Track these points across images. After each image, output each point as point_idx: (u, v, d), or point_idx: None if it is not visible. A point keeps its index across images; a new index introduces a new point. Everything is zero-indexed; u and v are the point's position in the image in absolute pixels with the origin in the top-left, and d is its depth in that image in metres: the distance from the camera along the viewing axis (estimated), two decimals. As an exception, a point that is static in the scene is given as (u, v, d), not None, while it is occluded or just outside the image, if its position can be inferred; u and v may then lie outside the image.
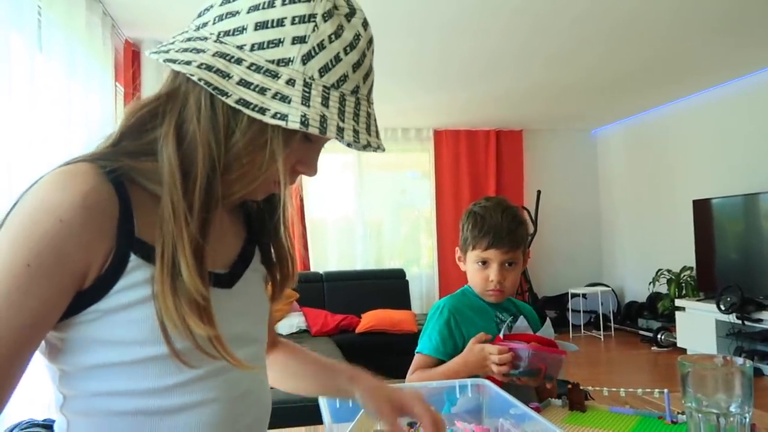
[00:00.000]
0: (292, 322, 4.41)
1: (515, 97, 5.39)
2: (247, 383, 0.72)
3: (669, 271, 5.49)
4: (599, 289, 6.26)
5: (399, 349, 4.20)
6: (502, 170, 6.72)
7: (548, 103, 5.65)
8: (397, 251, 6.70)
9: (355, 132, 0.63)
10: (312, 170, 0.70)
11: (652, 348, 5.32)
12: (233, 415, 0.69)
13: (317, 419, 0.89)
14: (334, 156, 6.32)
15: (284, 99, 0.59)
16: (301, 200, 6.10)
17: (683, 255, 5.37)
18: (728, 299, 4.45)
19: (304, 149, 0.68)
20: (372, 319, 4.38)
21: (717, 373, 0.91)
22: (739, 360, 0.90)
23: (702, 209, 5.06)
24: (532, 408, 1.24)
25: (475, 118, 6.21)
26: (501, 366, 1.21)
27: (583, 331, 6.30)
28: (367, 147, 0.65)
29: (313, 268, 6.05)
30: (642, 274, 6.10)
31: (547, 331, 1.34)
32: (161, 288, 0.60)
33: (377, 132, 0.68)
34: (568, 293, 6.42)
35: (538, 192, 6.42)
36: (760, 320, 4.29)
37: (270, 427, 1.15)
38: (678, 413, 1.15)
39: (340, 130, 0.61)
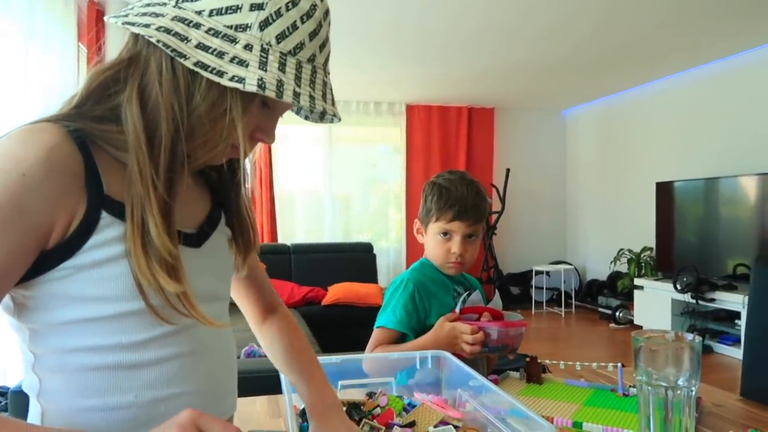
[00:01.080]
0: (258, 293, 4.39)
1: (491, 75, 5.39)
2: (214, 338, 0.75)
3: (630, 251, 5.64)
4: (562, 267, 6.39)
5: (364, 322, 4.25)
6: (472, 147, 6.76)
7: (523, 82, 5.67)
8: (366, 225, 6.71)
9: (311, 98, 0.64)
10: (270, 137, 0.71)
11: (611, 325, 5.48)
12: (204, 368, 0.73)
13: (271, 389, 0.90)
14: (304, 128, 6.25)
15: (242, 63, 0.60)
16: (270, 172, 6.03)
17: (644, 236, 5.52)
18: (684, 279, 4.60)
19: (262, 116, 0.69)
20: (338, 291, 4.39)
21: (667, 348, 0.94)
22: (689, 336, 0.93)
23: (664, 192, 5.18)
24: (490, 380, 1.27)
25: (448, 94, 6.20)
26: (473, 345, 1.23)
27: (545, 307, 6.45)
28: (324, 116, 0.67)
29: (280, 240, 6.03)
30: (604, 253, 6.26)
31: (497, 303, 1.38)
32: (133, 246, 0.62)
33: (333, 100, 0.69)
34: (532, 270, 6.54)
35: (507, 170, 6.48)
36: (713, 300, 4.45)
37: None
38: (630, 386, 1.19)
39: (296, 95, 0.62)
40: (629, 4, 3.61)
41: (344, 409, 0.88)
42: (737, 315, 4.32)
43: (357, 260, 4.97)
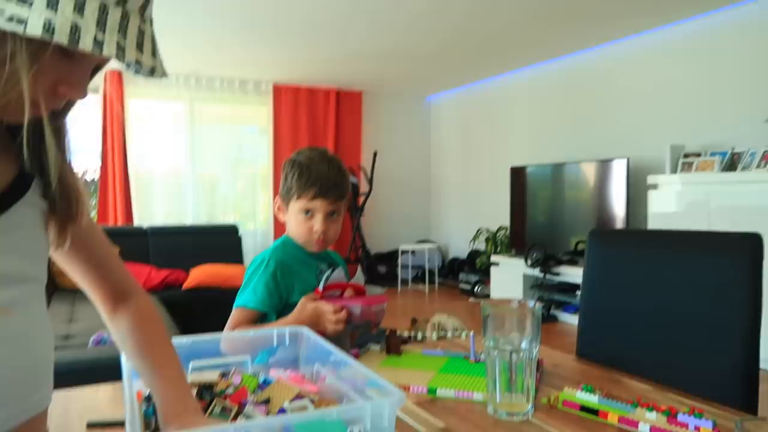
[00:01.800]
0: (111, 279, 4.08)
1: (359, 59, 5.41)
2: (13, 327, 0.65)
3: (488, 230, 6.02)
4: (427, 246, 6.66)
5: (230, 304, 4.13)
6: (341, 130, 6.78)
7: (390, 67, 5.76)
8: (232, 207, 6.49)
9: (120, 48, 0.54)
10: (77, 92, 0.61)
11: (470, 299, 5.82)
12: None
13: (117, 377, 0.83)
14: (162, 105, 5.88)
15: (24, 1, 0.50)
16: (124, 150, 5.60)
17: (500, 216, 5.91)
18: (534, 255, 5.00)
19: (64, 67, 0.58)
20: (201, 274, 4.20)
21: (512, 314, 1.01)
22: (531, 303, 1.00)
23: (518, 176, 5.58)
24: (351, 354, 1.28)
25: (316, 76, 6.14)
26: (336, 324, 1.23)
27: (410, 284, 6.70)
28: (139, 67, 0.57)
29: (138, 223, 5.64)
30: (465, 232, 6.62)
31: (359, 278, 1.40)
32: None
33: (154, 51, 0.59)
34: (398, 250, 6.74)
35: (375, 153, 6.59)
36: (558, 273, 4.88)
37: (69, 384, 1.05)
38: (481, 353, 1.26)
39: (98, 43, 0.52)
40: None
41: (195, 390, 0.84)
42: (578, 287, 4.78)
43: (221, 243, 4.80)
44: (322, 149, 1.44)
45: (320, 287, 1.32)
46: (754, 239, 1.19)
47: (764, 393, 1.27)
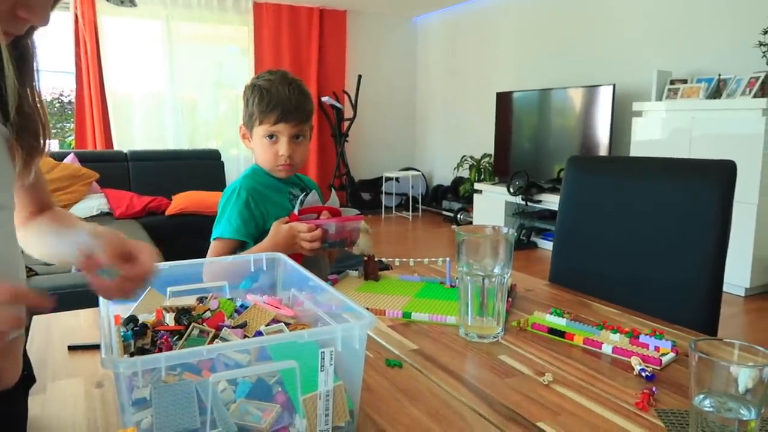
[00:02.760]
0: (92, 204, 4.06)
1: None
2: None
3: (471, 157, 6.01)
4: (411, 173, 6.66)
5: (212, 231, 4.15)
6: (324, 51, 6.58)
7: (372, -17, 5.54)
8: (215, 132, 6.37)
9: None
10: (38, 16, 0.58)
11: (453, 226, 5.89)
12: None
13: (98, 302, 0.84)
14: (137, 22, 5.63)
15: None
16: (100, 71, 5.41)
17: (485, 143, 5.89)
18: (516, 183, 5.03)
19: None
20: (183, 200, 4.19)
21: (485, 240, 1.03)
22: (505, 229, 1.01)
23: (503, 101, 5.51)
24: (329, 280, 1.30)
25: (297, -7, 5.89)
26: (312, 243, 1.24)
27: (394, 212, 6.75)
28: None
29: (117, 147, 5.55)
30: (449, 159, 6.60)
31: (334, 201, 1.43)
32: None
33: None
34: (382, 177, 6.73)
35: (359, 77, 6.44)
36: (539, 201, 4.93)
37: (51, 309, 1.07)
38: (456, 278, 1.29)
39: None
40: None
41: (173, 315, 0.85)
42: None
43: (204, 168, 4.75)
44: (283, 72, 1.39)
45: (296, 211, 1.33)
46: (727, 166, 1.20)
47: (725, 316, 1.33)
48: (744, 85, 3.58)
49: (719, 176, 1.20)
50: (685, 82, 3.97)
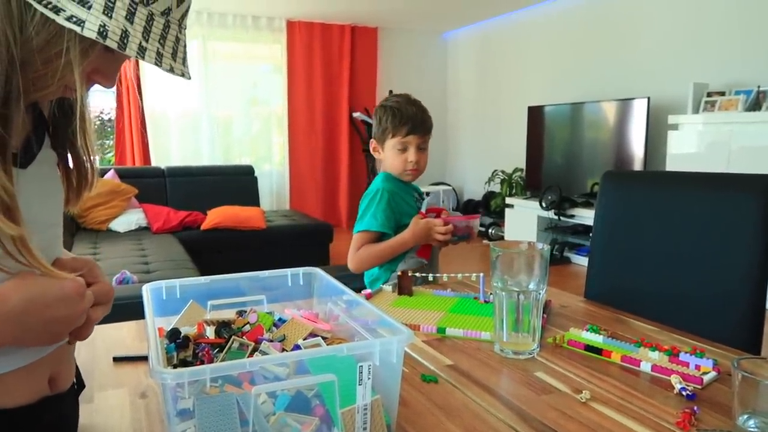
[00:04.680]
0: (131, 218, 4.17)
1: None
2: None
3: (503, 171, 5.97)
4: (441, 188, 6.65)
5: (247, 245, 4.21)
6: (356, 67, 6.66)
7: (405, 1, 5.59)
8: (248, 148, 6.49)
9: (159, 55, 0.59)
10: (110, 82, 0.66)
11: (484, 241, 5.85)
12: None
13: (140, 315, 0.86)
14: (175, 41, 5.79)
15: (84, 3, 0.54)
16: (139, 91, 5.59)
17: (516, 157, 5.85)
18: (549, 198, 4.98)
19: (103, 59, 0.62)
20: (218, 215, 4.27)
21: (521, 256, 1.03)
22: (539, 245, 1.01)
23: (535, 115, 5.48)
24: (363, 294, 1.32)
25: (330, 11, 5.98)
26: (444, 235, 1.54)
27: (425, 227, 6.73)
28: (171, 71, 0.62)
29: (154, 163, 5.70)
30: (480, 174, 6.58)
31: (448, 205, 1.77)
32: None
33: (184, 59, 0.65)
34: (413, 192, 6.74)
35: (390, 92, 6.48)
36: (572, 216, 4.87)
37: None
38: (490, 294, 1.28)
39: (142, 50, 0.57)
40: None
41: (213, 328, 0.88)
42: (591, 229, 4.77)
43: (238, 184, 4.85)
44: (406, 94, 1.72)
45: (423, 210, 1.65)
46: (767, 180, 1.18)
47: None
48: (785, 97, 3.49)
49: (759, 190, 1.18)
50: (722, 94, 3.89)
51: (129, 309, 1.32)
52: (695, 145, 3.90)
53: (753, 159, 3.50)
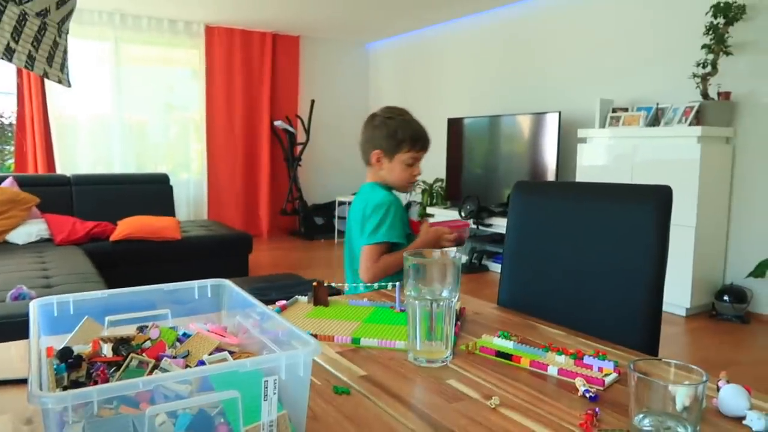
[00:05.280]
0: (31, 229, 3.89)
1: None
2: None
3: (424, 182, 6.07)
4: (364, 197, 6.65)
5: (160, 257, 4.03)
6: (277, 75, 6.59)
7: (328, 11, 5.59)
8: (164, 156, 6.25)
9: (30, 58, 0.55)
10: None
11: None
12: None
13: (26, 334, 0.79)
14: (85, 44, 5.51)
15: None
16: (43, 93, 5.25)
17: (436, 168, 5.97)
18: (468, 207, 5.11)
19: None
20: (129, 226, 4.06)
21: (434, 265, 1.03)
22: (452, 253, 1.02)
23: (455, 127, 5.62)
24: (278, 306, 1.28)
25: (251, 18, 5.89)
26: (452, 241, 1.72)
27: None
28: (47, 77, 0.57)
29: (60, 171, 5.37)
30: (402, 184, 6.65)
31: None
32: None
33: (63, 65, 0.61)
34: (335, 201, 6.72)
35: (312, 101, 6.46)
36: (490, 225, 5.02)
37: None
38: (405, 303, 1.29)
39: (10, 51, 0.53)
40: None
41: (111, 345, 0.82)
42: (509, 237, 4.94)
43: (151, 193, 4.64)
44: (402, 108, 1.83)
45: (416, 219, 1.78)
46: (664, 191, 1.25)
47: (667, 335, 1.37)
48: (680, 114, 3.77)
49: (656, 201, 1.25)
50: (626, 110, 4.14)
51: (20, 327, 1.22)
52: (602, 158, 4.12)
53: (653, 171, 3.75)
